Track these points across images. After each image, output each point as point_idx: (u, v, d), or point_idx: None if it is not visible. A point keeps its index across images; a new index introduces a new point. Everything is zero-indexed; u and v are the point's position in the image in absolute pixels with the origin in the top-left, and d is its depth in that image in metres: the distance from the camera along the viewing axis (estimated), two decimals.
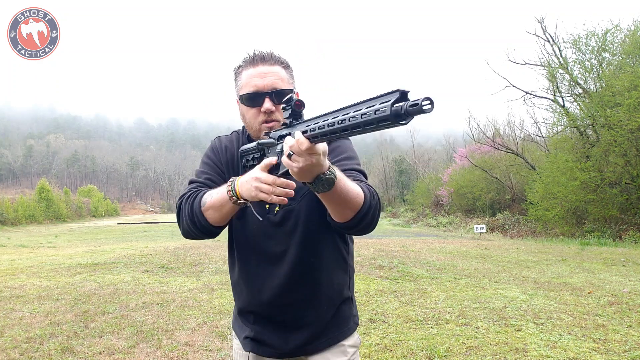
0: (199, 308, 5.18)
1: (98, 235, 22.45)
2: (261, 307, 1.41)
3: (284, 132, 1.14)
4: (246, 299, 1.44)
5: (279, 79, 1.34)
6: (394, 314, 4.83)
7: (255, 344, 1.42)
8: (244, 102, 1.36)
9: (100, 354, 3.74)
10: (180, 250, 10.14)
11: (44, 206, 41.90)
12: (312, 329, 1.40)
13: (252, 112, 1.35)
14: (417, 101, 0.79)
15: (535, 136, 22.95)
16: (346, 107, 0.92)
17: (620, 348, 3.72)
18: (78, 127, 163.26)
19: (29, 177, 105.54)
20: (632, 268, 7.76)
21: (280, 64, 1.36)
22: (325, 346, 1.41)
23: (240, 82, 1.37)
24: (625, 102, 13.65)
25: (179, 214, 1.33)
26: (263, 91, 1.32)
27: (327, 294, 1.42)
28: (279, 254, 1.38)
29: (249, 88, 1.33)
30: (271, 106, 1.31)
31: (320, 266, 1.40)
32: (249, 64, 1.36)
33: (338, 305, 1.45)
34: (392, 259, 8.51)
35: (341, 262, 1.46)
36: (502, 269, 7.77)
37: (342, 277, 1.46)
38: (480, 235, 17.15)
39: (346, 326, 1.46)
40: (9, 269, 8.18)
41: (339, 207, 1.16)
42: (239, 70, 1.39)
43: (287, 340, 1.40)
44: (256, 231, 1.39)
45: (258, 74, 1.33)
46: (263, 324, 1.42)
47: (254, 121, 1.35)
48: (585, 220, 16.01)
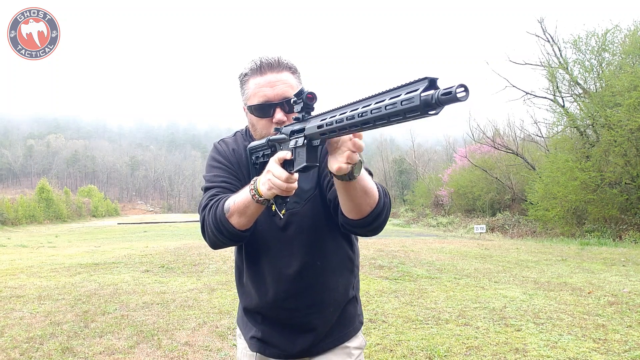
0: (199, 308, 5.18)
1: (98, 235, 22.45)
2: (269, 309, 1.41)
3: (296, 127, 1.10)
4: (254, 300, 1.43)
5: (289, 86, 1.29)
6: (394, 314, 4.83)
7: (262, 344, 1.42)
8: (253, 113, 1.31)
9: (100, 354, 3.74)
10: (180, 250, 10.14)
11: (44, 206, 41.87)
12: (318, 331, 1.40)
13: (262, 122, 1.31)
14: (450, 89, 0.72)
15: (535, 136, 22.98)
16: (365, 99, 0.88)
17: (620, 348, 3.72)
18: (78, 127, 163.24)
19: (29, 177, 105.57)
20: (632, 268, 7.76)
21: (288, 70, 1.32)
22: (330, 346, 1.41)
23: (248, 92, 1.32)
24: (625, 102, 13.65)
25: (204, 225, 1.28)
26: (274, 101, 1.27)
27: (334, 297, 1.41)
28: (287, 257, 1.37)
29: (258, 99, 1.29)
30: (283, 116, 1.27)
31: (327, 269, 1.39)
32: (255, 72, 1.31)
33: (343, 307, 1.44)
34: (392, 259, 8.51)
35: (347, 263, 1.45)
36: (502, 269, 7.77)
37: (348, 278, 1.46)
38: (480, 235, 17.15)
39: (351, 326, 1.46)
40: (9, 269, 8.18)
41: (360, 199, 1.14)
42: (245, 79, 1.34)
43: (294, 343, 1.40)
44: (266, 233, 1.38)
45: (267, 83, 1.28)
46: (271, 325, 1.41)
47: (265, 132, 1.31)
48: (585, 220, 16.01)
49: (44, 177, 56.09)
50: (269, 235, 1.37)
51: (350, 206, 1.16)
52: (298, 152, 1.07)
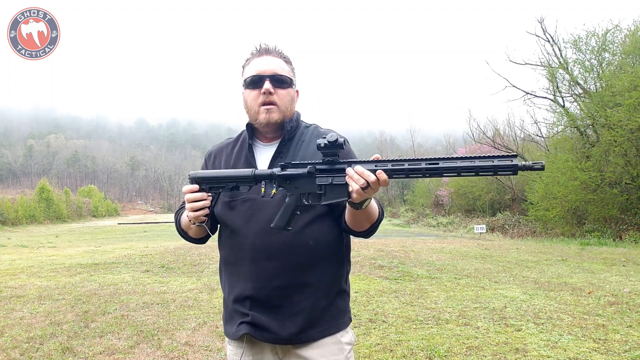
0: (199, 308, 5.18)
1: (98, 236, 22.45)
2: (259, 290, 1.41)
3: (323, 166, 1.26)
4: (243, 283, 1.44)
5: (280, 67, 1.45)
6: (394, 314, 4.83)
7: (251, 327, 1.42)
8: (247, 87, 1.46)
9: (100, 354, 3.74)
10: (180, 250, 10.14)
11: (45, 206, 41.87)
12: (306, 315, 1.41)
13: (253, 94, 1.45)
14: (531, 164, 1.08)
15: (535, 136, 22.98)
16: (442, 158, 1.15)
17: (621, 348, 3.72)
18: (78, 127, 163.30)
19: (29, 177, 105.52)
20: (632, 268, 7.76)
21: (282, 58, 1.48)
22: (319, 336, 1.42)
23: (245, 72, 1.48)
24: (625, 102, 13.65)
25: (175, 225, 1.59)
26: (264, 74, 1.43)
27: (324, 280, 1.44)
28: (276, 237, 1.39)
29: (252, 72, 1.45)
30: (270, 87, 1.42)
31: (319, 250, 1.42)
32: (254, 55, 1.48)
33: (334, 296, 1.46)
34: (392, 259, 8.51)
35: (338, 251, 1.49)
36: (502, 269, 7.77)
37: (338, 266, 1.49)
38: (481, 235, 17.14)
39: (341, 319, 1.48)
40: (10, 269, 8.18)
41: (363, 221, 1.38)
42: (246, 63, 1.50)
43: (282, 326, 1.40)
44: (256, 211, 1.42)
45: (262, 62, 1.45)
46: (260, 309, 1.41)
47: (254, 103, 1.45)
48: (585, 220, 16.01)
49: (44, 177, 56.14)
50: (259, 213, 1.43)
51: (354, 222, 1.39)
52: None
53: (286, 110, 1.46)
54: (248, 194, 1.43)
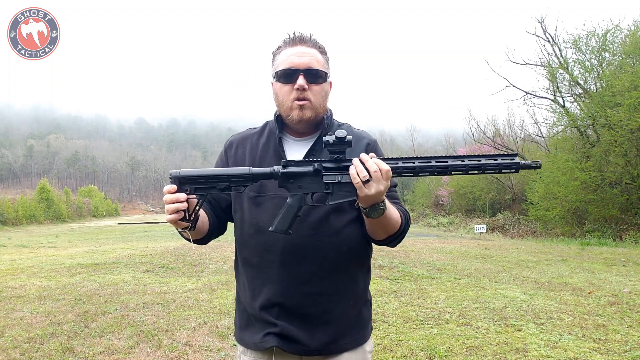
0: (199, 308, 5.18)
1: (98, 236, 22.45)
2: (290, 296, 1.32)
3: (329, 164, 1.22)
4: (271, 288, 1.34)
5: (315, 60, 1.36)
6: (394, 314, 4.83)
7: (280, 339, 1.32)
8: (279, 79, 1.37)
9: (100, 354, 3.74)
10: (180, 250, 10.14)
11: (45, 206, 41.89)
12: (337, 325, 1.34)
13: (285, 88, 1.36)
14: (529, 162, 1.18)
15: (535, 136, 22.98)
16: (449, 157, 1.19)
17: (621, 348, 3.72)
18: (78, 127, 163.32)
19: (29, 177, 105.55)
20: (633, 268, 7.76)
21: (317, 48, 1.38)
22: (348, 347, 1.37)
23: (277, 61, 1.38)
24: (625, 102, 13.65)
25: None
26: (298, 68, 1.33)
27: (353, 289, 1.38)
28: (310, 239, 1.33)
29: (284, 65, 1.35)
30: (304, 83, 1.32)
31: (351, 256, 1.36)
32: (287, 44, 1.38)
33: (360, 306, 1.42)
34: (392, 259, 8.51)
35: (366, 259, 1.44)
36: (502, 269, 7.77)
37: (365, 274, 1.44)
38: (481, 235, 17.14)
39: (366, 329, 1.43)
40: (10, 269, 8.18)
41: (378, 230, 1.32)
42: (277, 51, 1.40)
43: (313, 336, 1.32)
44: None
45: (295, 53, 1.35)
46: (289, 319, 1.32)
47: (286, 98, 1.36)
48: (585, 220, 16.01)
49: (44, 177, 56.17)
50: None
51: (370, 231, 1.34)
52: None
53: (319, 107, 1.37)
54: (277, 190, 1.32)
